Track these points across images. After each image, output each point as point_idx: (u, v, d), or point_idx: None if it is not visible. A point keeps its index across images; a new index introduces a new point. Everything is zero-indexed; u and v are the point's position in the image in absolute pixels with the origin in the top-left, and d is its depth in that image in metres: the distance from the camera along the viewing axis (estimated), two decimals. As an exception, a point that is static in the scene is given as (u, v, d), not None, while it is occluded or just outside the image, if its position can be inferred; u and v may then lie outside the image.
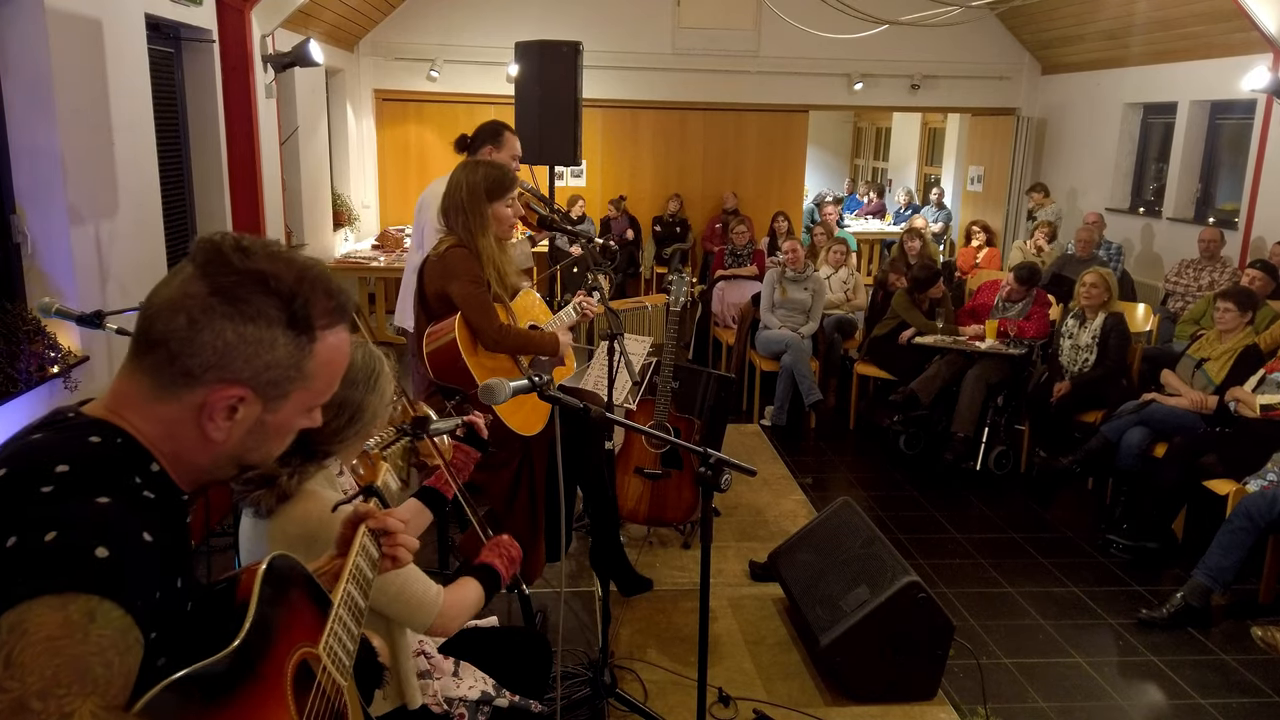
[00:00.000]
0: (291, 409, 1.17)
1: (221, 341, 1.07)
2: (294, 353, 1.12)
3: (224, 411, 1.10)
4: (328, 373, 1.18)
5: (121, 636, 0.94)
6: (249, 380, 1.10)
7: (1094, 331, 5.34)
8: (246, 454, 1.18)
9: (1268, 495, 3.85)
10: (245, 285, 1.08)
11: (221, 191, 5.86)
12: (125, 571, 0.96)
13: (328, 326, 1.15)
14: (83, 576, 0.93)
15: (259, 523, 1.80)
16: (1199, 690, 3.39)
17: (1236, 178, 7.83)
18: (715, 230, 10.04)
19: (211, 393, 1.09)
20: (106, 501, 1.00)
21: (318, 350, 1.14)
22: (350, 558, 1.34)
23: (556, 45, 4.57)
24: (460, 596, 1.93)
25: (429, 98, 10.00)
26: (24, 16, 3.63)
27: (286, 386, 1.14)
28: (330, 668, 1.17)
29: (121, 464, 1.07)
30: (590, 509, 3.64)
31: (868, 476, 5.55)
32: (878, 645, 3.18)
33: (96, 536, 0.96)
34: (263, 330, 1.09)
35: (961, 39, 9.92)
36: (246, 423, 1.13)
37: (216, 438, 1.12)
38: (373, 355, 1.96)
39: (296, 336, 1.11)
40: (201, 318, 1.07)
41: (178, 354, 1.07)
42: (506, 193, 3.03)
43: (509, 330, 2.98)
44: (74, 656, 0.90)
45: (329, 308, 1.15)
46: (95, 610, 0.93)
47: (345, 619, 1.24)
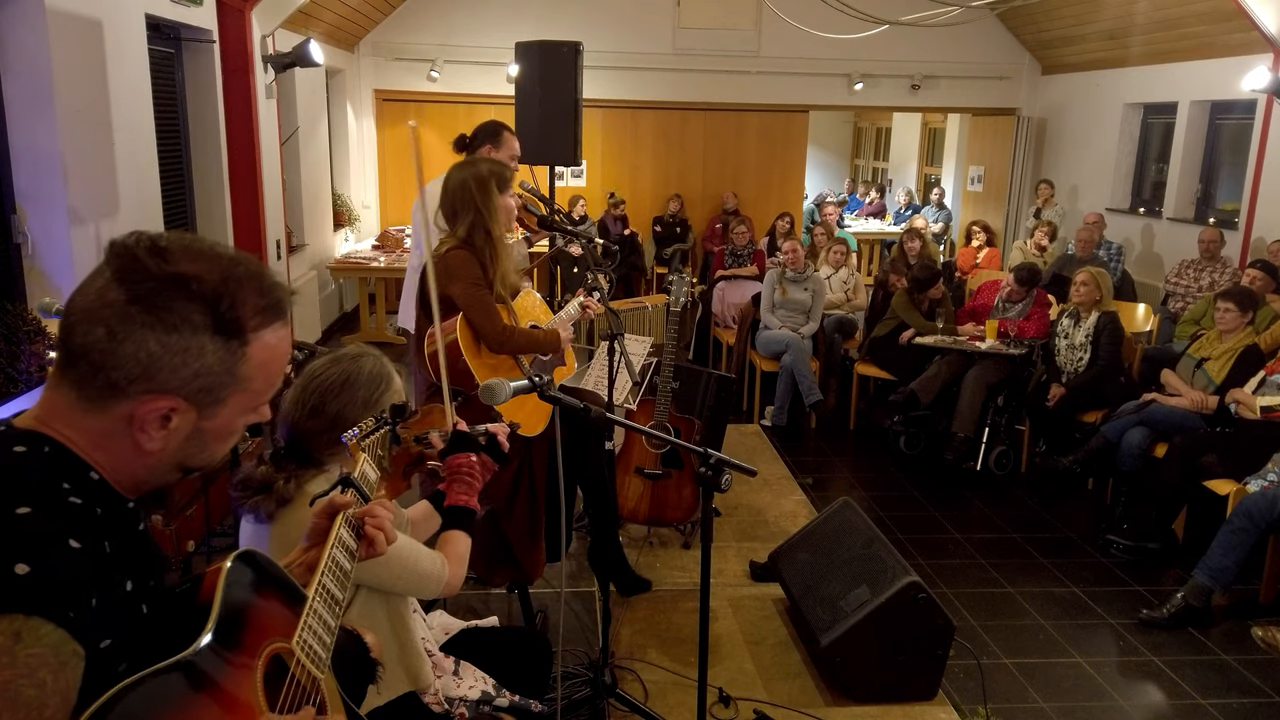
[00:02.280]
0: (230, 413, 1.11)
1: (145, 353, 1.01)
2: (225, 358, 1.06)
3: (156, 423, 1.05)
4: (266, 373, 1.12)
5: (54, 653, 0.90)
6: (178, 390, 1.04)
7: (1088, 331, 5.34)
8: (188, 459, 1.13)
9: (1268, 495, 3.85)
10: (165, 291, 1.02)
11: (222, 192, 5.86)
12: (50, 584, 0.92)
13: (260, 327, 1.09)
14: (4, 596, 0.89)
15: (260, 527, 1.79)
16: (1199, 690, 3.39)
17: (1237, 178, 7.83)
18: (715, 230, 10.04)
19: (140, 405, 1.04)
20: (26, 512, 0.95)
21: (251, 353, 1.08)
22: (326, 549, 1.31)
23: (557, 45, 4.57)
24: (456, 553, 1.91)
25: (429, 98, 10.00)
26: (24, 17, 3.63)
27: (220, 393, 1.08)
28: (305, 661, 1.14)
29: (48, 472, 1.02)
30: (590, 509, 3.65)
31: (868, 477, 5.55)
32: (878, 645, 3.18)
33: (14, 552, 0.91)
34: (188, 338, 1.03)
35: (962, 39, 9.92)
36: (182, 431, 1.08)
37: (151, 448, 1.07)
38: (381, 371, 1.93)
39: (226, 341, 1.06)
40: (121, 329, 1.01)
41: (100, 366, 1.02)
42: (509, 184, 3.06)
43: (512, 331, 2.98)
44: (3, 682, 0.86)
45: (260, 306, 1.08)
46: (21, 630, 0.89)
47: (320, 612, 1.21)
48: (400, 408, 1.72)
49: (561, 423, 2.64)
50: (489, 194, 2.97)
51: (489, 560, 3.20)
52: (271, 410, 1.24)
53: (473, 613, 2.99)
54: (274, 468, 1.81)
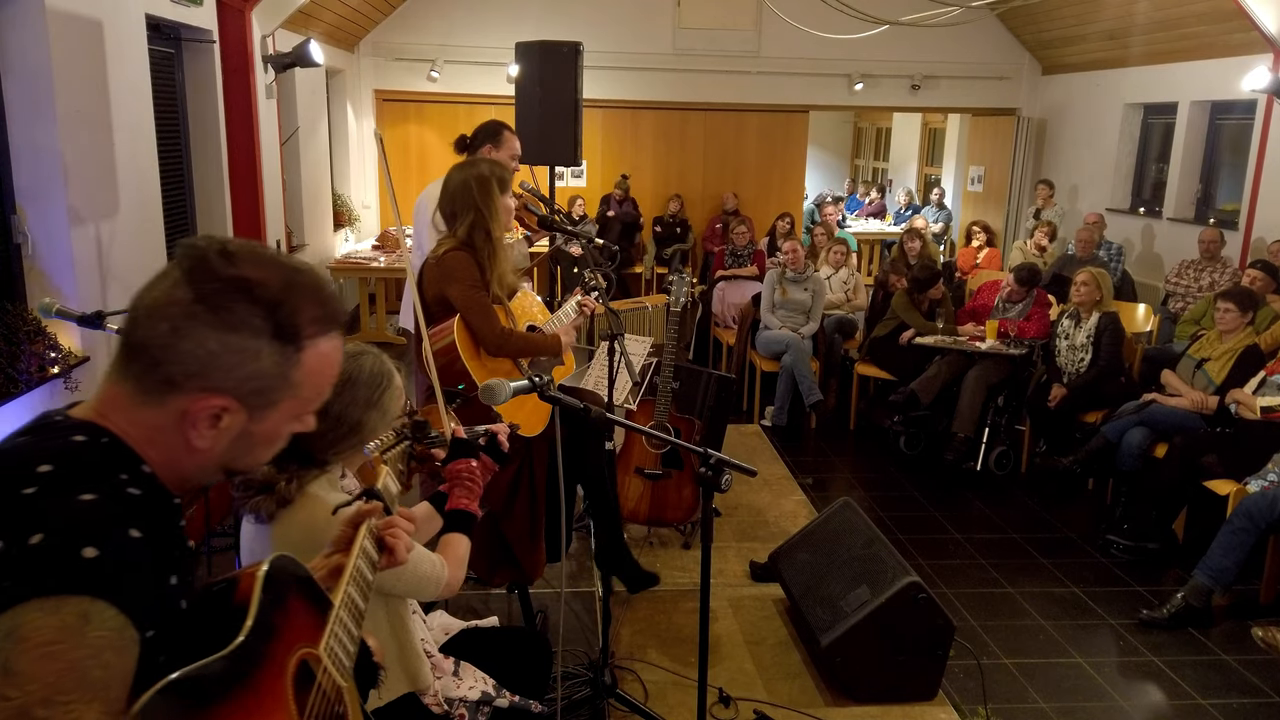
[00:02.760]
0: (279, 418, 1.14)
1: (203, 350, 1.05)
2: (279, 363, 1.09)
3: (207, 421, 1.08)
4: (316, 381, 1.15)
5: (118, 636, 0.93)
6: (232, 390, 1.08)
7: (1089, 331, 5.34)
8: (233, 461, 1.16)
9: (1268, 496, 3.85)
10: (228, 293, 1.06)
11: (222, 192, 5.86)
12: (115, 569, 0.95)
13: (316, 335, 1.12)
14: (73, 578, 0.92)
15: (261, 528, 1.79)
16: (1200, 690, 3.39)
17: (1237, 178, 7.82)
18: (715, 230, 10.04)
19: (194, 402, 1.07)
20: (91, 499, 0.98)
21: (305, 360, 1.11)
22: (351, 559, 1.34)
23: (557, 46, 4.57)
24: (456, 556, 1.95)
25: (429, 98, 10.00)
26: (24, 17, 3.63)
27: (272, 396, 1.11)
28: (330, 668, 1.16)
29: (106, 462, 1.05)
30: (591, 509, 3.64)
31: (868, 477, 5.55)
32: (878, 645, 3.18)
33: (83, 536, 0.95)
34: (246, 340, 1.06)
35: (962, 39, 9.92)
36: (231, 431, 1.11)
37: (200, 446, 1.10)
38: (383, 370, 1.93)
39: (282, 346, 1.09)
40: (184, 325, 1.05)
41: (160, 361, 1.05)
42: (510, 185, 3.06)
43: (511, 334, 2.98)
44: (72, 661, 0.89)
45: (317, 316, 1.12)
46: (89, 611, 0.92)
47: (345, 620, 1.23)
48: (422, 424, 1.75)
49: (561, 423, 2.64)
50: (490, 194, 2.96)
51: (489, 560, 3.20)
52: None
53: (473, 613, 2.99)
54: (275, 468, 1.81)
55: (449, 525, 1.97)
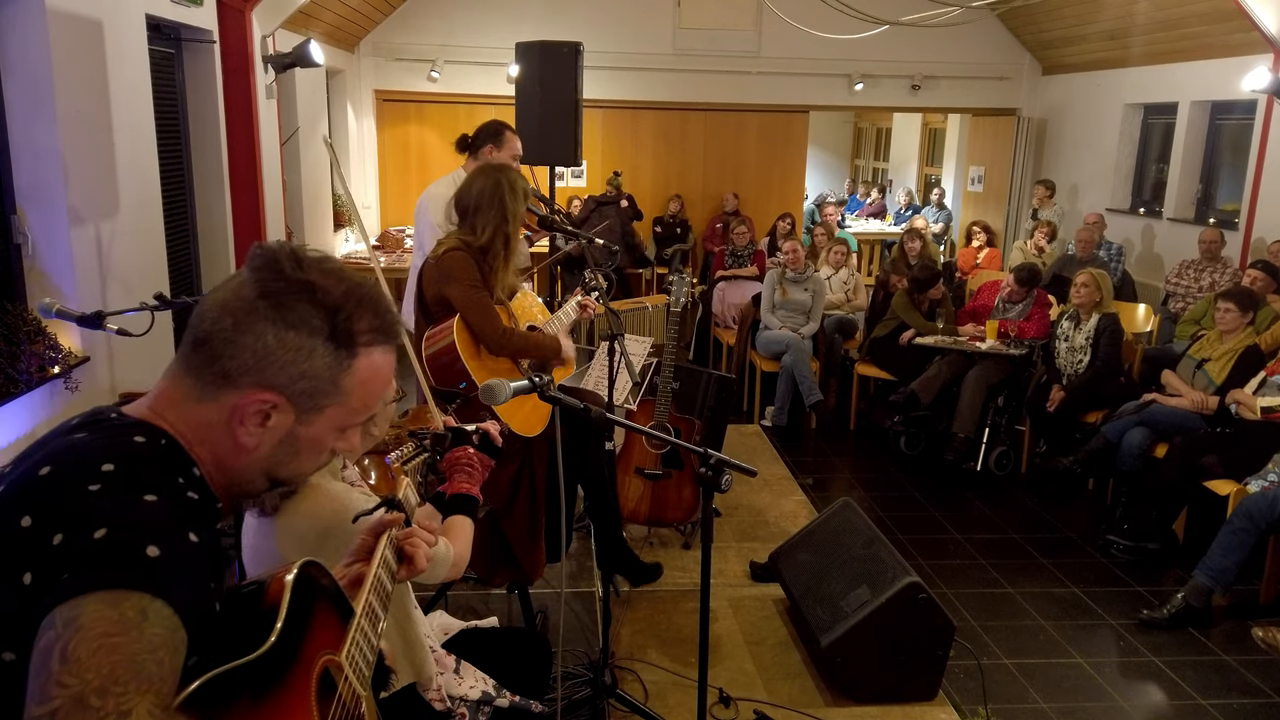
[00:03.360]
0: (325, 424, 1.16)
1: (261, 345, 1.08)
2: (332, 366, 1.12)
3: (256, 417, 1.11)
4: (365, 391, 1.17)
5: (171, 634, 0.95)
6: (283, 388, 1.10)
7: (1088, 333, 5.34)
8: (277, 467, 1.18)
9: (1268, 496, 3.85)
10: (292, 293, 1.10)
11: (222, 192, 5.86)
12: (174, 570, 0.97)
13: (370, 344, 1.15)
14: (135, 574, 0.94)
15: (264, 521, 1.80)
16: (1200, 691, 3.39)
17: (1237, 178, 7.82)
18: (716, 231, 10.04)
19: (245, 396, 1.10)
20: (154, 500, 1.01)
21: (357, 367, 1.14)
22: (372, 568, 1.35)
23: (557, 46, 4.57)
24: (462, 536, 1.98)
25: (429, 98, 10.00)
26: (25, 17, 3.63)
27: (321, 400, 1.14)
28: (351, 677, 1.17)
29: (166, 464, 1.08)
30: (591, 509, 3.64)
31: (868, 477, 5.55)
32: (878, 646, 3.18)
33: (147, 535, 0.97)
34: (303, 338, 1.10)
35: (962, 39, 9.91)
36: (278, 432, 1.13)
37: (248, 444, 1.12)
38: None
39: (336, 350, 1.12)
40: (245, 320, 1.08)
41: (219, 354, 1.08)
42: (530, 196, 3.09)
43: (512, 333, 2.98)
44: (130, 654, 0.91)
45: (374, 326, 1.15)
46: (148, 608, 0.94)
47: (366, 629, 1.25)
48: (440, 437, 1.76)
49: (562, 423, 2.64)
50: (518, 201, 2.97)
51: (489, 560, 3.19)
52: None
53: (473, 613, 2.99)
54: None
55: (452, 508, 2.00)
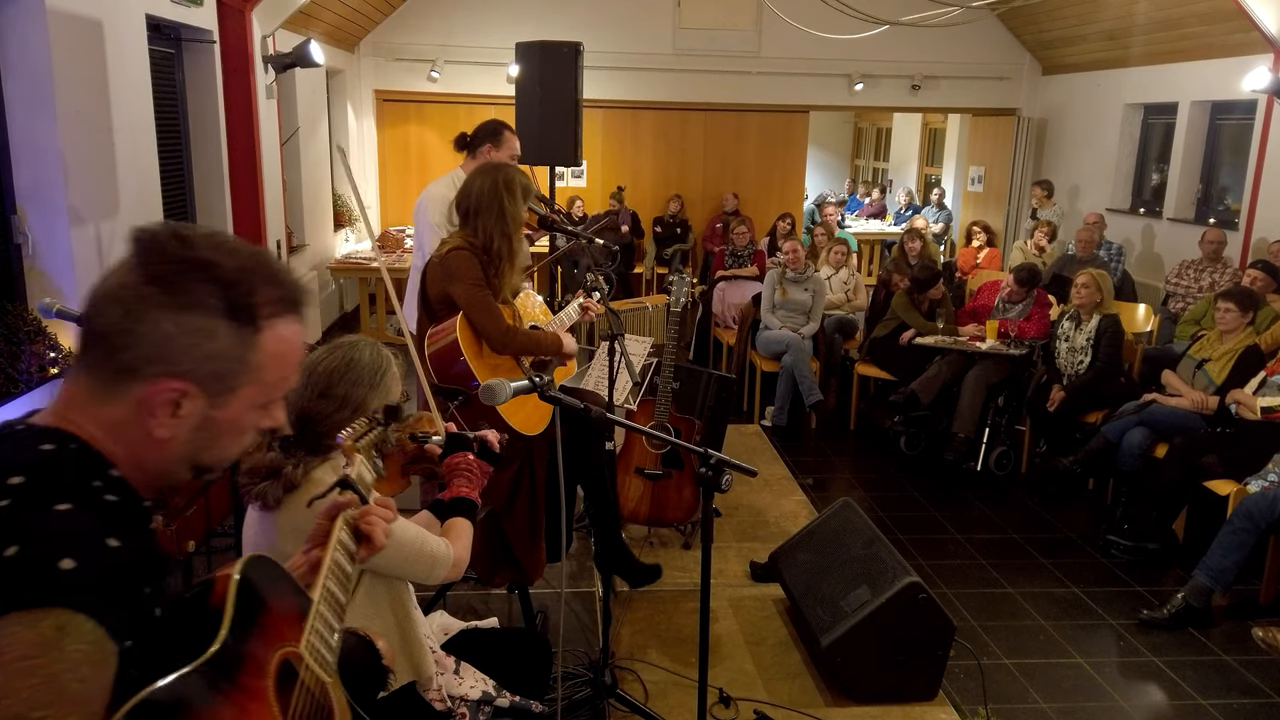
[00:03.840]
0: (241, 405, 1.11)
1: (159, 332, 1.02)
2: (237, 344, 1.07)
3: (166, 407, 1.05)
4: (278, 365, 1.12)
5: (95, 649, 0.91)
6: (189, 373, 1.05)
7: (1089, 334, 5.34)
8: (199, 454, 1.12)
9: (1268, 496, 3.85)
10: (183, 273, 1.03)
11: (222, 192, 5.86)
12: (93, 581, 0.93)
13: (274, 316, 1.09)
14: (50, 590, 0.90)
15: (266, 515, 1.80)
16: (1200, 691, 3.39)
17: (1237, 178, 7.83)
18: (716, 231, 10.04)
19: (151, 387, 1.04)
20: (66, 509, 0.96)
21: (263, 342, 1.09)
22: (328, 552, 1.32)
23: (557, 46, 4.57)
24: (462, 540, 1.99)
25: (429, 98, 10.00)
26: (25, 17, 3.64)
27: (232, 380, 1.08)
28: (313, 665, 1.15)
29: (78, 470, 1.03)
30: (591, 509, 3.64)
31: (868, 477, 5.55)
32: (878, 646, 3.18)
33: (60, 547, 0.92)
34: (200, 320, 1.04)
35: (962, 39, 9.92)
36: (192, 419, 1.08)
37: (162, 435, 1.07)
38: (380, 355, 1.98)
39: (239, 327, 1.06)
40: (137, 308, 1.02)
41: (116, 348, 1.03)
42: (531, 196, 3.09)
43: (515, 331, 2.98)
44: (49, 675, 0.87)
45: (275, 297, 1.09)
46: (66, 625, 0.90)
47: (325, 615, 1.22)
48: (394, 409, 1.76)
49: (562, 423, 2.64)
50: (517, 201, 2.97)
51: (489, 560, 3.19)
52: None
53: (473, 613, 2.99)
54: (282, 454, 1.82)
55: (451, 511, 2.01)
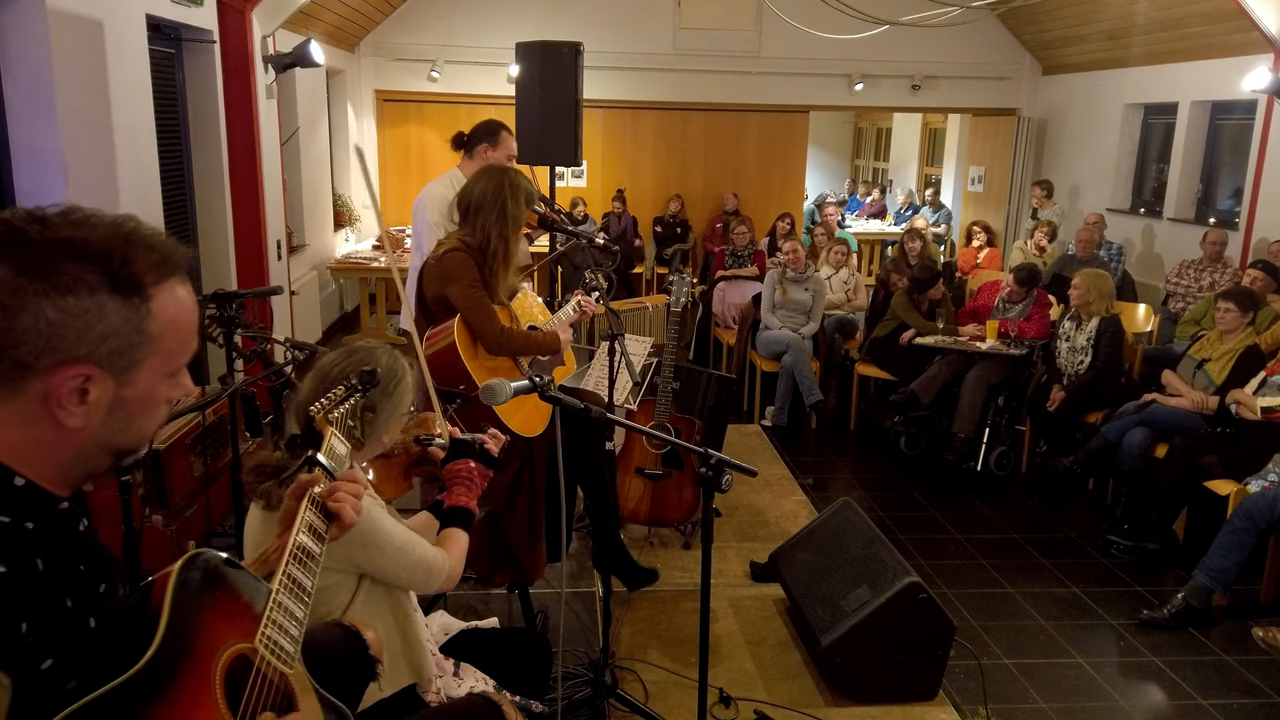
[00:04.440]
0: (148, 378, 1.06)
1: (44, 322, 0.97)
2: (129, 316, 1.02)
3: (73, 396, 1.00)
4: (177, 331, 1.07)
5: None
6: (88, 356, 0.99)
7: (1090, 334, 5.34)
8: (115, 437, 1.07)
9: (1268, 496, 3.84)
10: (52, 256, 0.97)
11: (222, 192, 5.87)
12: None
13: (158, 282, 1.04)
14: None
15: (269, 515, 1.80)
16: (1200, 691, 3.38)
17: (1237, 178, 7.83)
18: (716, 231, 10.04)
19: (52, 378, 0.99)
20: None
21: (155, 310, 1.04)
22: (291, 535, 1.28)
23: (557, 46, 4.57)
24: (457, 550, 1.99)
25: (430, 98, 10.00)
26: (25, 17, 3.63)
27: (134, 355, 1.03)
28: (269, 657, 1.11)
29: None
30: (591, 509, 3.64)
31: (868, 477, 5.55)
32: (878, 646, 3.18)
33: None
34: (85, 300, 0.98)
35: (962, 39, 9.92)
36: (103, 403, 1.03)
37: (74, 425, 1.01)
38: (398, 363, 1.97)
39: (126, 299, 1.01)
40: (14, 302, 0.96)
41: (3, 347, 0.97)
42: (534, 202, 3.09)
43: (511, 332, 2.98)
44: None
45: (155, 262, 1.04)
46: None
47: (286, 604, 1.18)
48: (370, 373, 1.71)
49: (562, 423, 2.64)
50: (520, 205, 2.98)
51: (489, 560, 3.19)
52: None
53: (473, 613, 2.99)
54: (288, 454, 1.82)
55: (448, 521, 2.01)
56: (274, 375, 3.36)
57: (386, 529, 1.85)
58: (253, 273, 6.19)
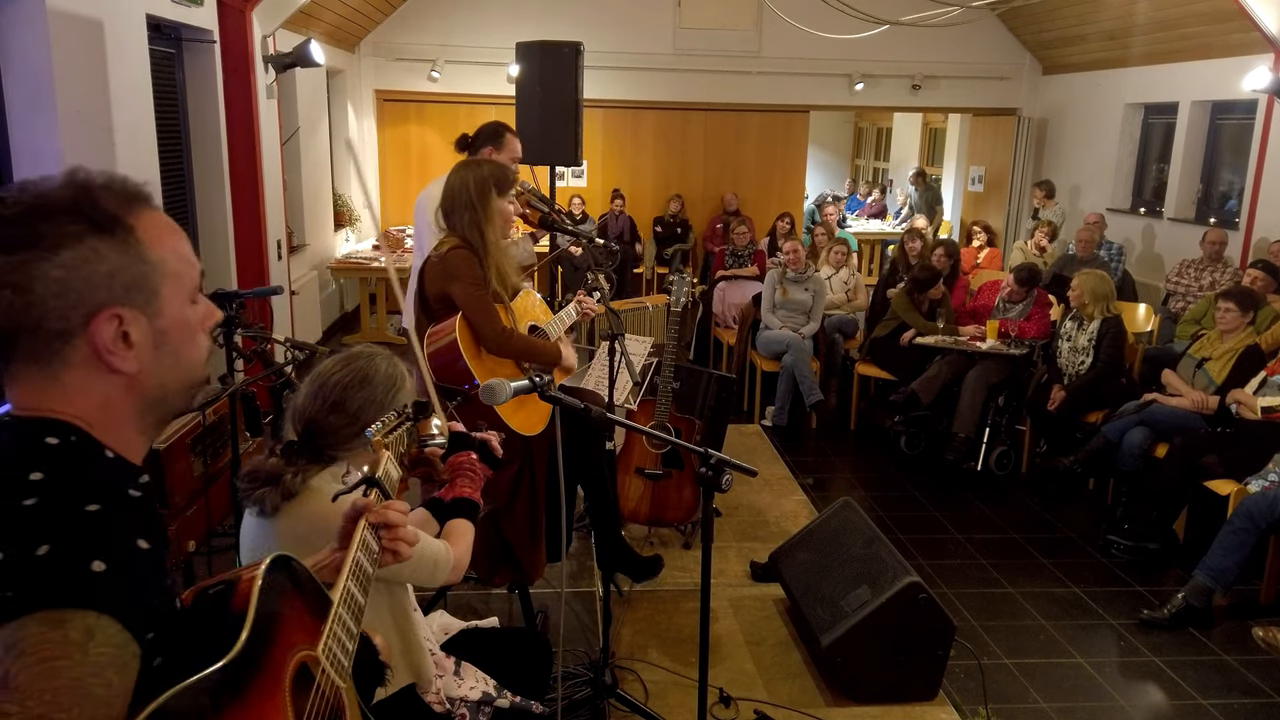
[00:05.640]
0: (174, 305, 1.08)
1: (54, 283, 0.99)
2: (124, 250, 1.04)
3: (117, 342, 1.03)
4: (174, 251, 1.09)
5: (120, 652, 0.91)
6: (109, 299, 1.02)
7: (1091, 334, 5.33)
8: (171, 372, 1.09)
9: (1268, 496, 3.84)
10: (26, 226, 0.99)
11: (222, 192, 5.87)
12: (122, 584, 0.93)
13: (133, 213, 1.06)
14: (80, 592, 0.90)
15: (264, 521, 1.79)
16: (1200, 691, 3.38)
17: (1237, 178, 7.82)
18: (716, 230, 10.05)
19: (90, 333, 1.01)
20: (96, 509, 0.96)
21: (143, 237, 1.06)
22: (351, 553, 1.32)
23: (557, 46, 4.57)
24: (462, 542, 1.99)
25: (430, 98, 10.01)
26: (25, 17, 3.63)
27: (148, 284, 1.05)
28: (329, 669, 1.15)
29: (90, 465, 1.01)
30: (591, 509, 3.64)
31: (868, 477, 5.55)
32: (879, 646, 3.18)
33: (92, 549, 0.92)
34: (78, 249, 1.00)
35: (962, 39, 9.92)
36: (147, 341, 1.05)
37: (130, 369, 1.05)
38: (396, 369, 1.97)
39: (112, 235, 1.03)
40: (17, 278, 0.98)
41: (33, 325, 1.00)
42: (510, 188, 3.05)
43: (512, 334, 2.97)
44: (74, 678, 0.87)
45: (120, 198, 1.06)
46: (94, 628, 0.90)
47: (345, 618, 1.22)
48: (423, 404, 1.76)
49: (562, 423, 2.64)
50: (486, 196, 2.97)
51: (489, 560, 3.19)
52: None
53: (473, 613, 2.99)
54: (284, 461, 1.81)
55: (453, 512, 2.01)
56: (274, 375, 3.36)
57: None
58: (253, 273, 6.19)
